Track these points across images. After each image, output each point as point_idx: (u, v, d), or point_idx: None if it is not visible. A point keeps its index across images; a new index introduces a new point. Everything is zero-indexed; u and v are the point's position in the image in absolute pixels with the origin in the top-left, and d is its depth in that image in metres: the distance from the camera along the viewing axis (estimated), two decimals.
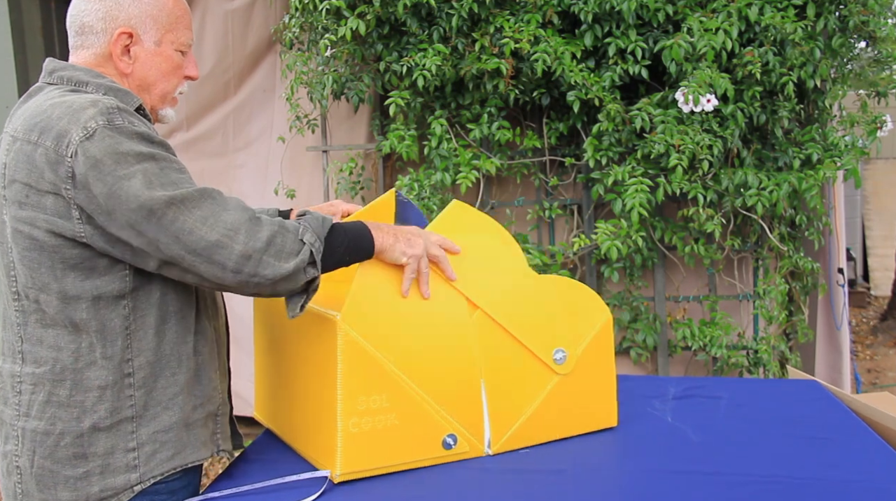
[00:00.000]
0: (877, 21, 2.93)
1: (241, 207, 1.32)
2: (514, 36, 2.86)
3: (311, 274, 1.35)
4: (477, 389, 1.55)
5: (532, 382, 1.60)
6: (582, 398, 1.65)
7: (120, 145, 1.26)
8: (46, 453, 1.34)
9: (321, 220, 1.39)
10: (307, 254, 1.33)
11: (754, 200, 2.88)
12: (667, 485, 1.43)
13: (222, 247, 1.28)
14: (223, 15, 3.66)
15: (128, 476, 1.36)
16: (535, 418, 1.60)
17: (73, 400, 1.34)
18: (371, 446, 1.47)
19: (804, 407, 1.84)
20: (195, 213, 1.28)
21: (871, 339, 6.14)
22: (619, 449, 1.61)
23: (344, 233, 1.42)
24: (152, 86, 1.46)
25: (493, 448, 1.57)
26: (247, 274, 1.29)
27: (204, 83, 3.77)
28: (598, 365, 1.67)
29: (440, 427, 1.52)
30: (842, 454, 1.55)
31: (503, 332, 1.57)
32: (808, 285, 3.38)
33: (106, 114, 1.28)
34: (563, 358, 1.60)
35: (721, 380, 2.23)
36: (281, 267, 1.30)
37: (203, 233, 1.27)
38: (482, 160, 3.10)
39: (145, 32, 1.42)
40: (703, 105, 2.75)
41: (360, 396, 1.46)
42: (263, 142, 3.82)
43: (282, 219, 1.35)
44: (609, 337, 1.69)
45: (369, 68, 3.21)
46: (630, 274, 3.24)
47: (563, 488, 1.43)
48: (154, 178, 1.27)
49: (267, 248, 1.29)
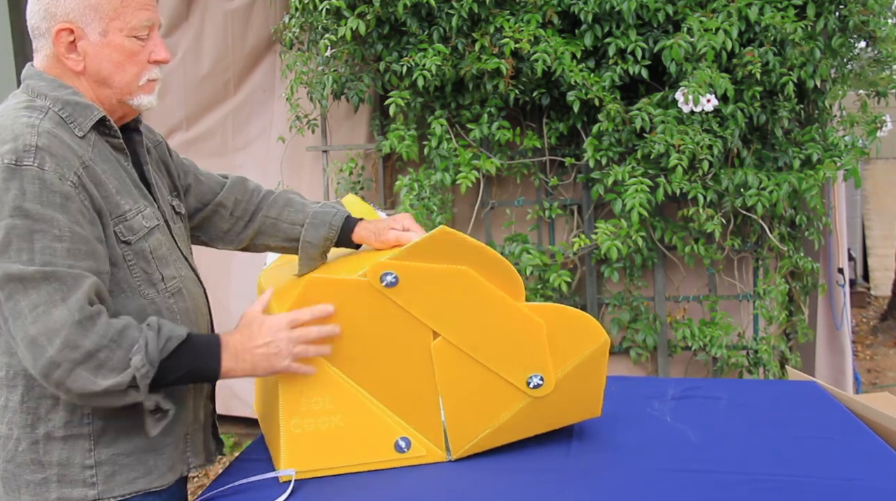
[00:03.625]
0: (877, 21, 2.93)
1: (78, 305, 1.20)
2: (514, 36, 2.86)
3: (132, 398, 1.25)
4: (434, 401, 1.51)
5: (499, 400, 1.53)
6: (561, 406, 1.58)
7: (6, 193, 1.20)
8: (9, 457, 1.34)
9: (165, 340, 1.27)
10: (128, 378, 1.23)
11: (754, 200, 2.88)
12: (666, 485, 1.43)
13: (37, 346, 1.19)
14: (223, 15, 3.66)
15: (85, 491, 1.34)
16: (502, 429, 1.55)
17: (26, 406, 1.32)
18: (315, 447, 1.46)
19: (803, 407, 1.84)
20: (30, 297, 1.19)
21: (871, 339, 6.13)
22: (618, 449, 1.61)
23: (188, 355, 1.30)
24: (109, 79, 1.35)
25: (455, 455, 1.54)
26: (54, 382, 1.20)
27: (204, 83, 3.77)
28: (585, 383, 1.59)
29: (390, 430, 1.50)
30: (841, 454, 1.55)
31: (468, 357, 1.50)
32: (808, 285, 3.38)
33: (19, 152, 1.22)
34: (539, 385, 1.52)
35: (720, 381, 2.23)
36: (95, 383, 1.21)
37: (26, 323, 1.19)
38: (482, 160, 3.10)
39: (88, 25, 1.32)
40: (703, 105, 2.75)
41: (300, 397, 1.45)
42: (263, 142, 3.82)
43: (124, 329, 1.24)
44: (604, 358, 1.60)
45: (369, 68, 3.21)
46: (630, 274, 3.23)
47: (561, 487, 1.43)
48: (14, 242, 1.19)
49: (85, 360, 1.20)
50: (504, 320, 1.52)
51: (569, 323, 1.56)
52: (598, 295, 3.32)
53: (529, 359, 1.52)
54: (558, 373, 1.54)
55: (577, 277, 3.31)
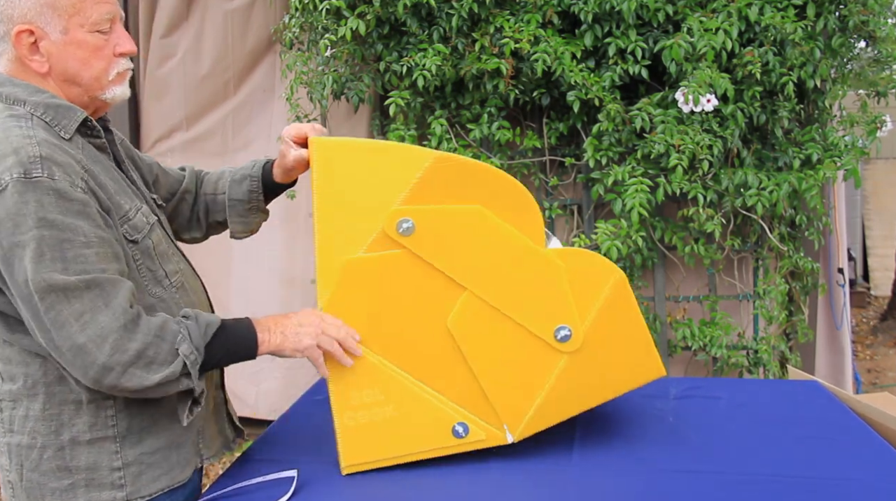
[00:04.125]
0: (877, 21, 2.93)
1: (122, 308, 1.22)
2: (514, 36, 2.86)
3: (185, 385, 1.29)
4: (476, 379, 1.51)
5: (536, 366, 1.50)
6: (605, 365, 1.53)
7: (25, 205, 1.18)
8: (32, 466, 1.33)
9: (205, 326, 1.31)
10: (179, 367, 1.27)
11: (754, 200, 2.88)
12: (667, 484, 1.43)
13: (87, 353, 1.20)
14: (223, 15, 3.66)
15: (114, 493, 1.34)
16: (551, 399, 1.51)
17: (49, 414, 1.32)
18: (372, 438, 1.47)
19: (804, 407, 1.84)
20: (73, 306, 1.20)
21: (871, 339, 6.13)
22: (620, 449, 1.61)
23: (226, 337, 1.34)
24: (76, 77, 1.33)
25: (515, 435, 1.52)
26: (107, 385, 1.23)
27: (203, 83, 3.77)
28: (619, 330, 1.53)
29: (446, 416, 1.49)
30: (842, 453, 1.55)
31: (497, 314, 1.48)
32: (808, 285, 3.38)
33: (25, 164, 1.19)
34: (567, 336, 1.49)
35: (721, 381, 2.23)
36: (148, 378, 1.24)
37: (72, 332, 1.20)
38: (482, 160, 3.09)
39: (47, 24, 1.28)
40: (703, 105, 2.74)
41: (350, 391, 1.46)
42: (263, 142, 3.82)
43: (163, 324, 1.27)
44: (626, 295, 1.54)
45: (369, 68, 3.21)
46: (630, 274, 3.23)
47: (564, 487, 1.43)
48: (47, 252, 1.19)
49: (135, 361, 1.23)
50: (524, 264, 1.49)
51: (580, 265, 1.51)
52: None
53: (554, 309, 1.49)
54: (585, 322, 1.50)
55: None
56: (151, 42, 3.82)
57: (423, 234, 1.45)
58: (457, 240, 1.47)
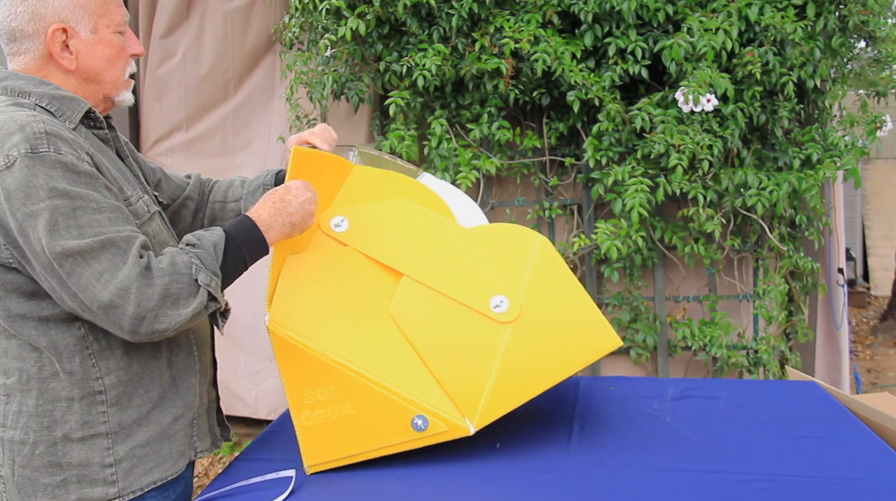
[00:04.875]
0: (877, 21, 2.93)
1: (134, 259, 1.25)
2: (514, 36, 2.86)
3: (213, 308, 1.33)
4: (425, 367, 1.50)
5: (482, 343, 1.49)
6: (553, 335, 1.51)
7: (35, 178, 1.21)
8: (24, 462, 1.34)
9: (213, 248, 1.33)
10: (205, 296, 1.30)
11: (754, 200, 2.88)
12: (666, 485, 1.43)
13: (116, 308, 1.23)
14: (223, 15, 3.66)
15: (105, 489, 1.35)
16: (504, 379, 1.48)
17: (42, 410, 1.33)
18: (332, 436, 1.47)
19: (802, 407, 1.84)
20: (92, 267, 1.22)
21: (871, 339, 6.13)
22: (617, 449, 1.61)
23: (238, 247, 1.37)
24: (100, 75, 1.39)
25: (475, 423, 1.46)
26: (144, 333, 1.26)
27: (203, 83, 3.77)
28: (555, 293, 1.54)
29: (404, 410, 1.46)
30: (840, 453, 1.55)
31: (434, 295, 1.51)
32: (808, 285, 3.38)
33: (31, 140, 1.23)
34: (502, 306, 1.50)
35: (719, 381, 2.23)
36: (180, 314, 1.27)
37: (97, 292, 1.22)
38: (482, 160, 3.10)
39: (79, 23, 1.35)
40: (703, 105, 2.75)
41: (304, 390, 1.46)
42: (263, 142, 3.82)
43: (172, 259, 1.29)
44: (554, 259, 1.57)
45: (369, 68, 3.21)
46: (630, 274, 3.24)
47: (562, 487, 1.43)
48: (61, 220, 1.21)
49: (161, 303, 1.25)
50: (452, 243, 1.56)
51: (503, 237, 1.58)
52: (598, 295, 3.32)
53: (486, 281, 1.53)
54: (519, 291, 1.51)
55: (578, 277, 3.31)
56: (151, 42, 3.82)
57: (356, 229, 1.53)
58: (387, 230, 1.54)
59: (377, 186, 1.60)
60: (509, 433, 1.63)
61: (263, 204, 1.44)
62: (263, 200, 1.45)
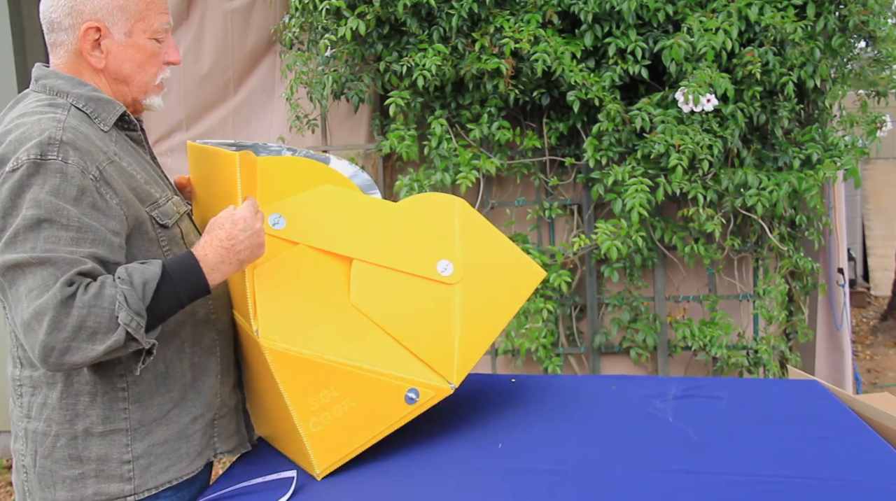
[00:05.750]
0: (877, 21, 2.93)
1: (61, 286, 1.19)
2: (514, 36, 2.86)
3: (133, 348, 1.26)
4: (398, 343, 1.55)
5: (440, 307, 1.58)
6: (494, 283, 1.65)
7: (27, 188, 1.21)
8: (46, 453, 1.36)
9: (142, 286, 1.25)
10: (122, 335, 1.22)
11: (754, 200, 2.88)
12: (668, 485, 1.43)
13: (30, 331, 1.20)
14: (223, 15, 3.66)
15: (122, 485, 1.37)
16: (467, 333, 1.58)
17: (65, 403, 1.34)
18: (339, 435, 1.48)
19: (804, 406, 1.84)
20: (28, 282, 1.20)
21: (871, 339, 6.14)
22: (620, 449, 1.61)
23: (173, 287, 1.29)
24: (129, 78, 1.41)
25: (453, 379, 1.55)
26: (53, 364, 1.21)
27: (203, 83, 3.76)
28: (484, 247, 1.66)
29: (397, 388, 1.51)
30: (842, 453, 1.55)
31: (386, 273, 1.57)
32: (808, 285, 3.38)
33: (44, 146, 1.24)
34: (448, 269, 1.60)
35: (721, 380, 2.23)
36: (93, 349, 1.21)
37: (22, 308, 1.20)
38: (482, 160, 3.10)
39: (114, 24, 1.36)
40: (703, 105, 2.74)
41: (308, 398, 1.46)
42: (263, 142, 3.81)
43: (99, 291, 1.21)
44: (474, 217, 1.68)
45: (369, 68, 3.21)
46: (630, 274, 3.23)
47: (564, 487, 1.43)
48: (21, 233, 1.20)
49: (75, 335, 1.19)
50: (387, 220, 1.61)
51: (425, 207, 1.66)
52: (598, 295, 3.32)
53: (428, 249, 1.61)
54: (455, 252, 1.61)
55: (577, 277, 3.31)
56: None
57: (294, 224, 1.54)
58: (324, 218, 1.57)
59: (292, 176, 1.57)
60: (511, 433, 1.63)
61: (209, 241, 1.34)
62: (209, 236, 1.35)
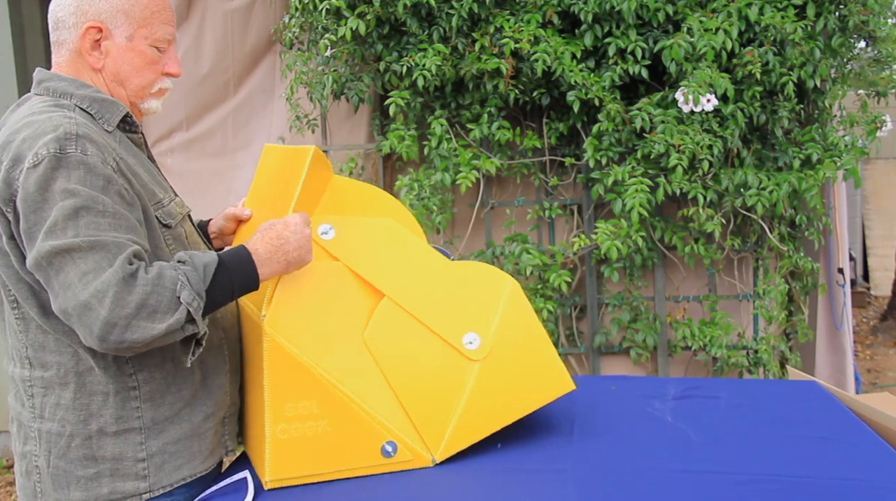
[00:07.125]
0: (877, 21, 2.93)
1: (121, 264, 1.23)
2: (514, 36, 2.86)
3: (189, 331, 1.29)
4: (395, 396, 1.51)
5: (451, 377, 1.52)
6: (516, 376, 1.56)
7: (53, 182, 1.23)
8: (60, 453, 1.36)
9: (202, 269, 1.29)
10: (184, 314, 1.25)
11: (754, 200, 2.88)
12: (667, 484, 1.43)
13: (90, 310, 1.21)
14: (223, 15, 3.66)
15: (137, 483, 1.38)
16: (469, 414, 1.52)
17: (79, 403, 1.35)
18: (302, 453, 1.44)
19: (803, 407, 1.84)
20: (79, 266, 1.22)
21: (871, 339, 6.14)
22: (619, 449, 1.61)
23: (228, 275, 1.33)
24: (126, 80, 1.43)
25: (437, 455, 1.51)
26: (114, 341, 1.22)
27: (203, 83, 3.77)
28: (521, 337, 1.58)
29: (378, 434, 1.47)
30: (841, 453, 1.55)
31: (411, 322, 1.52)
32: (808, 285, 3.38)
33: (61, 140, 1.25)
34: (474, 343, 1.53)
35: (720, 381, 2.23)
36: (154, 328, 1.23)
37: (77, 291, 1.21)
38: (482, 160, 3.10)
39: (116, 27, 1.39)
40: (703, 105, 2.75)
41: (287, 402, 1.43)
42: (263, 142, 3.80)
43: (160, 271, 1.26)
44: (522, 304, 1.60)
45: (369, 68, 3.21)
46: (630, 274, 3.23)
47: (564, 488, 1.43)
48: (60, 221, 1.22)
49: (137, 313, 1.21)
50: (434, 274, 1.57)
51: (477, 276, 1.60)
52: (598, 295, 3.32)
53: (462, 317, 1.55)
54: (489, 331, 1.55)
55: (577, 277, 3.31)
56: None
57: (342, 240, 1.53)
58: (372, 247, 1.55)
59: (359, 199, 1.60)
60: (511, 433, 1.63)
61: (261, 238, 1.40)
62: (261, 234, 1.41)
